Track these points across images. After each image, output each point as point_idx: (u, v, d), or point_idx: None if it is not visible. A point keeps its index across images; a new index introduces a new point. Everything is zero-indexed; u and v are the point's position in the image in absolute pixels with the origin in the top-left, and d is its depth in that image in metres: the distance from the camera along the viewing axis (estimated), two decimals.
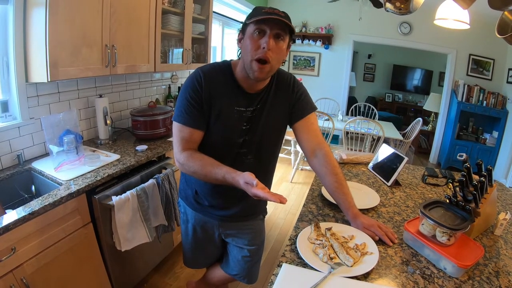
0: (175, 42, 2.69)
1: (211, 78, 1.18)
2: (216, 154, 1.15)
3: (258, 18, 1.05)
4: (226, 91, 1.19)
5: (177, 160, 1.18)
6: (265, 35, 1.07)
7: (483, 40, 4.63)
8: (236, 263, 1.51)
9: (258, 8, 1.11)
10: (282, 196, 0.94)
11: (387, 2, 1.74)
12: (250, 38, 1.10)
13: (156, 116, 2.24)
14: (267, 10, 1.08)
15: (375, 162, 1.89)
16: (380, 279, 0.94)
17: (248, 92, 1.21)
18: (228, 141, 1.22)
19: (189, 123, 1.17)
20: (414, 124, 4.70)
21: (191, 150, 1.17)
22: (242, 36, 1.16)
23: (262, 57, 1.07)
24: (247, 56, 1.11)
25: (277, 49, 1.10)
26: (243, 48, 1.14)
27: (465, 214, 1.08)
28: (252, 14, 1.11)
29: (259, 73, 1.11)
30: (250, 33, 1.10)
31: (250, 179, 0.96)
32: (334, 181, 1.24)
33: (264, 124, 1.24)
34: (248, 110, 1.21)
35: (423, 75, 7.64)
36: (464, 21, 1.66)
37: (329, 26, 5.32)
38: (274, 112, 1.26)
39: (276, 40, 1.09)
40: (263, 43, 1.07)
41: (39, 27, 1.54)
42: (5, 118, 1.71)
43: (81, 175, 1.61)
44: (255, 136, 1.24)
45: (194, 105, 1.16)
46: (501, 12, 1.51)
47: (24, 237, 1.27)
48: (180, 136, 1.18)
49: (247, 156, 1.26)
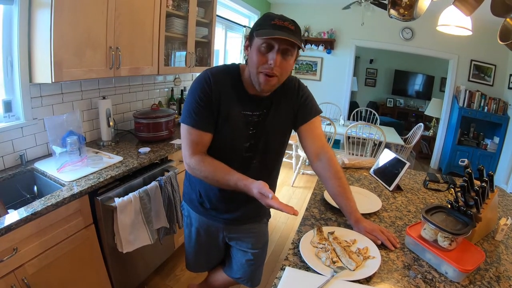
0: (179, 45, 2.70)
1: (220, 80, 1.16)
2: (222, 158, 1.14)
3: (265, 38, 1.02)
4: (234, 94, 1.17)
5: (187, 164, 1.17)
6: (273, 50, 1.04)
7: (485, 46, 4.65)
8: (239, 267, 1.51)
9: (268, 17, 1.06)
10: (294, 208, 0.95)
11: (391, 9, 1.75)
12: (257, 51, 1.06)
13: (159, 119, 2.25)
14: (277, 22, 1.03)
15: (376, 167, 1.89)
16: (382, 283, 0.94)
17: (254, 97, 1.19)
18: (234, 145, 1.21)
19: (199, 125, 1.14)
20: (416, 129, 4.71)
21: (201, 154, 1.16)
22: (249, 44, 1.12)
23: (269, 73, 1.06)
24: (253, 68, 1.08)
25: (284, 65, 1.07)
26: (249, 59, 1.11)
27: (466, 219, 1.08)
28: (260, 24, 1.07)
29: (264, 85, 1.09)
30: (257, 45, 1.05)
31: (265, 190, 0.97)
32: (337, 185, 1.24)
33: (270, 128, 1.23)
34: (255, 115, 1.20)
35: (424, 81, 7.65)
36: (466, 28, 1.67)
37: (332, 31, 5.34)
38: (280, 116, 1.25)
39: (284, 55, 1.06)
40: (270, 59, 1.04)
41: (44, 28, 1.55)
42: (9, 118, 1.71)
43: (84, 177, 1.62)
44: (261, 141, 1.23)
45: (204, 106, 1.13)
46: (503, 19, 1.52)
47: (26, 237, 1.27)
48: (189, 139, 1.15)
49: (253, 161, 1.25)
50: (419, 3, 1.67)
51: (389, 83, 8.07)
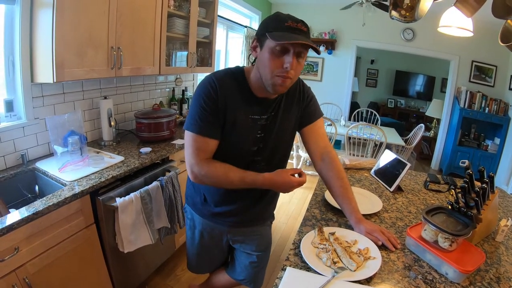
0: (180, 45, 2.71)
1: (225, 84, 1.12)
2: (229, 162, 1.13)
3: (283, 42, 0.98)
4: (240, 98, 1.14)
5: (194, 172, 1.12)
6: (288, 53, 1.01)
7: (486, 47, 4.65)
8: (243, 269, 1.50)
9: (279, 18, 1.03)
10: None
11: (393, 10, 1.75)
12: (271, 54, 1.02)
13: (160, 119, 2.25)
14: (290, 24, 1.00)
15: (377, 168, 1.89)
16: (382, 283, 0.94)
17: (262, 100, 1.17)
18: (242, 150, 1.19)
19: (205, 132, 1.10)
20: (416, 130, 4.71)
21: (208, 160, 1.13)
22: (257, 44, 1.09)
23: (285, 76, 1.04)
24: (266, 72, 1.05)
25: (298, 66, 1.06)
26: (261, 62, 1.07)
27: (467, 220, 1.09)
28: (272, 25, 1.03)
29: (280, 87, 1.07)
30: (270, 47, 1.01)
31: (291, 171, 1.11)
32: (339, 186, 1.24)
33: (278, 131, 1.22)
34: (263, 118, 1.18)
35: (425, 81, 7.65)
36: (467, 29, 1.66)
37: (333, 31, 5.34)
38: (287, 118, 1.24)
39: (298, 58, 1.04)
40: (286, 62, 1.01)
41: (45, 28, 1.56)
42: (10, 118, 1.72)
43: (85, 176, 1.62)
44: (268, 144, 1.22)
45: (210, 112, 1.10)
46: (504, 20, 1.52)
47: (27, 237, 1.27)
48: (195, 146, 1.11)
49: (260, 164, 1.24)
50: (421, 5, 1.67)
51: (390, 83, 8.07)
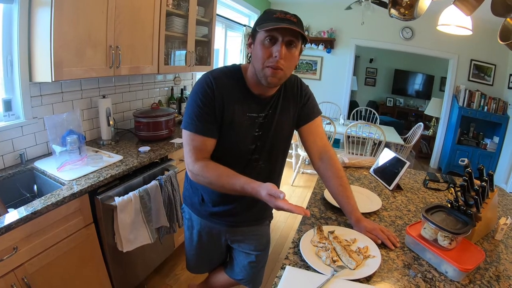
0: (179, 44, 2.70)
1: (222, 83, 1.12)
2: (227, 161, 1.12)
3: (268, 28, 0.99)
4: (238, 96, 1.13)
5: (190, 171, 1.13)
6: (277, 42, 1.02)
7: (485, 46, 4.66)
8: (241, 269, 1.50)
9: (269, 12, 1.05)
10: (305, 209, 0.94)
11: (392, 8, 1.75)
12: (261, 45, 1.04)
13: (159, 118, 2.24)
14: (279, 15, 1.02)
15: (376, 166, 1.89)
16: (382, 282, 0.94)
17: (259, 98, 1.16)
18: (240, 148, 1.18)
19: (201, 131, 1.10)
20: (415, 129, 4.71)
21: (205, 160, 1.12)
22: (252, 41, 1.10)
23: (274, 66, 1.02)
24: (258, 63, 1.05)
25: (289, 57, 1.05)
26: (253, 55, 1.08)
27: (466, 219, 1.09)
28: (262, 18, 1.06)
29: (271, 78, 1.05)
30: (261, 39, 1.03)
31: (275, 191, 0.93)
32: (338, 185, 1.24)
33: (275, 129, 1.21)
34: (260, 116, 1.17)
35: (424, 80, 7.66)
36: (466, 27, 1.67)
37: (332, 30, 5.34)
38: (284, 116, 1.23)
39: (288, 47, 1.03)
40: (275, 51, 1.02)
41: (44, 27, 1.55)
42: (8, 117, 1.71)
43: (84, 176, 1.61)
44: (267, 142, 1.21)
45: (207, 111, 1.10)
46: (503, 18, 1.52)
47: (26, 236, 1.27)
48: (192, 145, 1.11)
49: (258, 162, 1.23)
50: (420, 3, 1.67)
51: (389, 82, 8.07)
